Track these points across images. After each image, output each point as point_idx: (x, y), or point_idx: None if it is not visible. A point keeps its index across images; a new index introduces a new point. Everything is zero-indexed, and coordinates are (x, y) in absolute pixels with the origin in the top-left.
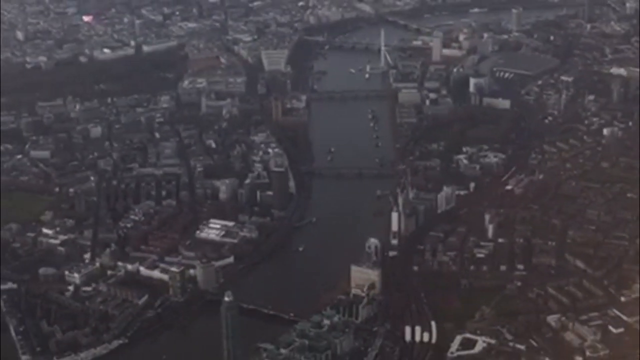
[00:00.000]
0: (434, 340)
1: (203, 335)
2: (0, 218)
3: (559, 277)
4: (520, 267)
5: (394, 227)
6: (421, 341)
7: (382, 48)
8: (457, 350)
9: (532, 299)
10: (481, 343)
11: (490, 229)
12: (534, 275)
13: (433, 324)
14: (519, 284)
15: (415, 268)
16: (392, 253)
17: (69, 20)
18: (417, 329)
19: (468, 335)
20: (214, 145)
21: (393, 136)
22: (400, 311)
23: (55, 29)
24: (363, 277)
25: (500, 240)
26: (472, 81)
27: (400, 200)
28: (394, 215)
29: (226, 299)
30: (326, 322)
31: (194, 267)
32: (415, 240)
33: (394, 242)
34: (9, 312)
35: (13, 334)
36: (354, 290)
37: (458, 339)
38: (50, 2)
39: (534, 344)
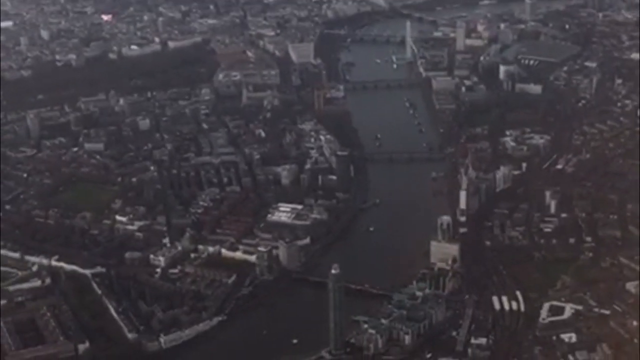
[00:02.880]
0: (522, 309)
1: (295, 312)
2: (72, 207)
3: (627, 247)
4: (588, 239)
5: (462, 204)
6: (510, 309)
7: (408, 39)
8: (548, 316)
9: (606, 268)
10: (569, 309)
11: (553, 205)
12: (602, 246)
13: (518, 293)
14: (590, 254)
15: (488, 243)
16: (461, 230)
17: (90, 19)
18: (504, 298)
19: (555, 303)
20: (263, 134)
21: (434, 122)
22: (483, 283)
23: (77, 28)
24: (443, 251)
25: (563, 215)
26: (502, 68)
27: (464, 180)
28: (462, 194)
29: (333, 271)
30: (419, 293)
31: (275, 247)
32: (481, 217)
33: (462, 219)
34: (105, 294)
35: (114, 314)
36: (438, 264)
37: (546, 306)
38: (66, 2)
39: (618, 309)
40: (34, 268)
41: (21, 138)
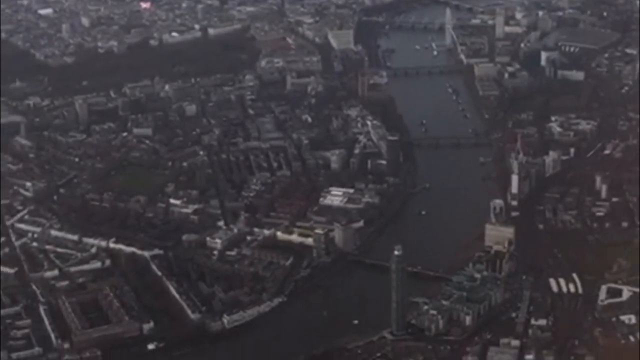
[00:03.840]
0: (580, 291)
1: (354, 293)
2: (125, 191)
3: None
4: None
5: (514, 189)
6: (568, 292)
7: (448, 26)
8: (606, 298)
9: None
10: (627, 292)
11: (604, 189)
12: None
13: (575, 275)
14: None
15: (541, 226)
16: (513, 214)
17: (128, 6)
18: (561, 280)
19: (612, 285)
20: (309, 119)
21: (478, 108)
22: (539, 265)
23: (117, 15)
24: (498, 234)
25: (614, 199)
26: (543, 55)
27: (515, 164)
28: (514, 178)
29: (396, 252)
30: (477, 275)
31: (331, 230)
32: (532, 202)
33: (514, 203)
34: (165, 275)
35: (176, 295)
36: (495, 247)
37: (604, 288)
38: None
39: None
40: (93, 250)
41: (70, 123)
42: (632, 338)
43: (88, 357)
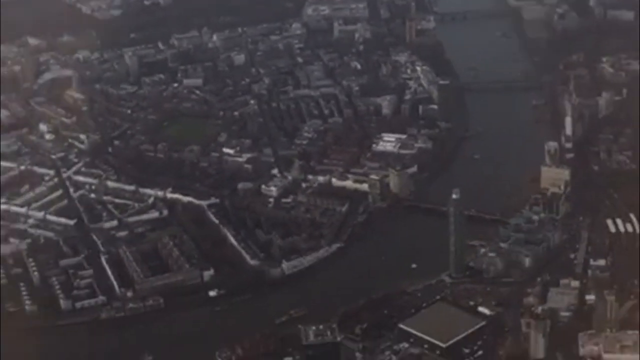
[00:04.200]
0: (637, 230)
1: (411, 238)
2: (178, 141)
3: None
4: None
5: (568, 131)
6: (625, 231)
7: None
8: None
9: None
10: None
11: None
12: None
13: (632, 215)
14: None
15: (595, 167)
16: (568, 155)
17: None
18: (618, 221)
19: None
20: (359, 66)
21: (527, 51)
22: (596, 206)
23: None
24: (554, 176)
25: None
26: None
27: (568, 106)
28: (567, 120)
29: (454, 196)
30: (535, 217)
31: (385, 176)
32: (587, 143)
33: (568, 145)
34: (223, 223)
35: (234, 242)
36: (551, 189)
37: None
38: None
39: None
40: (150, 200)
41: (121, 76)
42: None
43: (151, 304)
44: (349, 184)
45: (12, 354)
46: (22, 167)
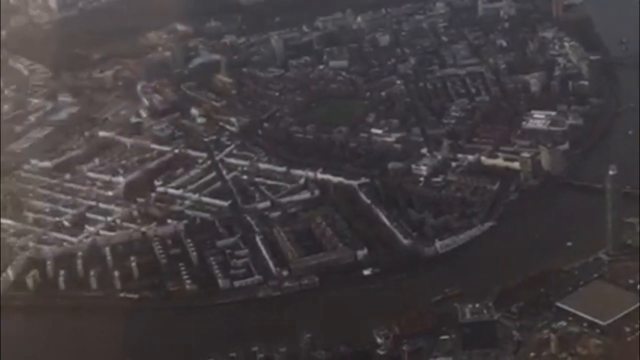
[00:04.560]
0: None
1: (565, 216)
2: (326, 122)
3: None
4: None
5: None
6: None
7: None
8: None
9: None
10: None
11: None
12: None
13: None
14: None
15: None
16: None
17: None
18: None
19: None
20: (504, 44)
21: None
22: None
23: None
24: None
25: None
26: None
27: None
28: None
29: (610, 172)
30: None
31: (537, 153)
32: None
33: None
34: (374, 203)
35: (386, 221)
36: None
37: None
38: None
39: None
40: (301, 181)
41: (268, 59)
42: None
43: (306, 283)
44: (499, 162)
45: (176, 332)
46: (176, 151)
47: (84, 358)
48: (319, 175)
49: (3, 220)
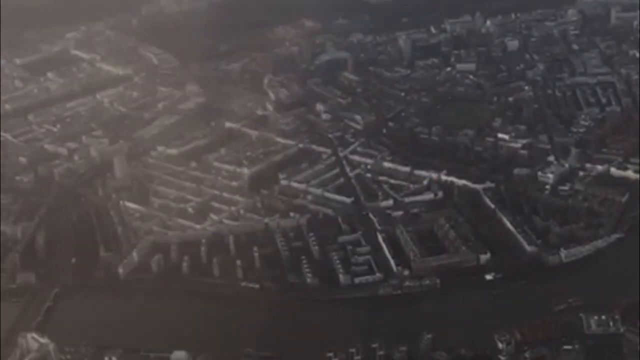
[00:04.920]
0: None
1: None
2: (452, 125)
3: None
4: None
5: None
6: None
7: None
8: None
9: None
10: None
11: None
12: None
13: None
14: None
15: None
16: None
17: None
18: None
19: None
20: (637, 54)
21: None
22: None
23: None
24: None
25: None
26: None
27: None
28: None
29: None
30: None
31: None
32: None
33: None
34: (498, 208)
35: (510, 227)
36: None
37: None
38: None
39: None
40: (425, 182)
41: (394, 58)
42: None
43: (427, 284)
44: (629, 174)
45: (296, 324)
46: (301, 145)
47: (206, 342)
48: (443, 177)
49: (129, 204)
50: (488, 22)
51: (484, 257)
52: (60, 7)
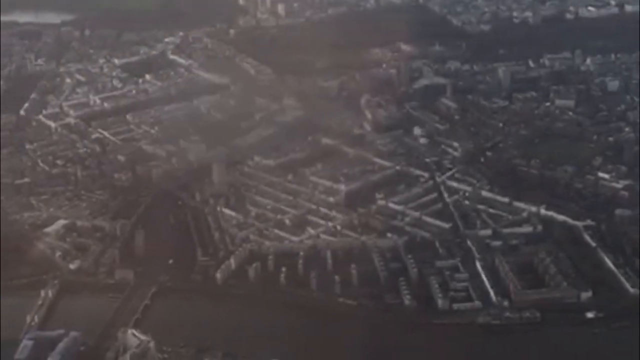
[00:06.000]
0: None
1: None
2: (551, 160)
3: None
4: None
5: None
6: None
7: None
8: None
9: None
10: None
11: None
12: None
13: None
14: None
15: None
16: None
17: None
18: None
19: None
20: None
21: None
22: None
23: None
24: None
25: None
26: None
27: None
28: None
29: None
30: None
31: None
32: None
33: None
34: (599, 246)
35: (612, 266)
36: None
37: None
38: None
39: None
40: (524, 214)
41: (492, 89)
42: None
43: (527, 316)
44: None
45: (394, 344)
46: (398, 167)
47: (303, 356)
48: (542, 211)
49: (226, 211)
50: (588, 60)
51: (585, 295)
52: (158, 12)
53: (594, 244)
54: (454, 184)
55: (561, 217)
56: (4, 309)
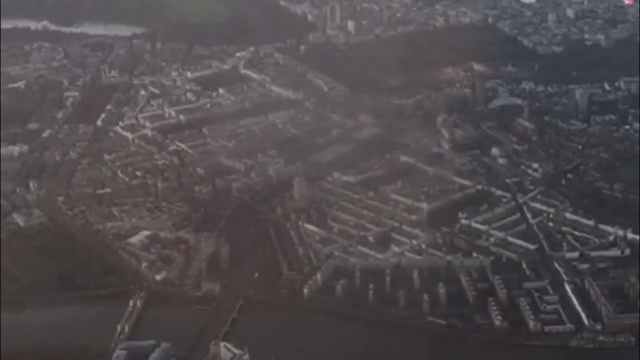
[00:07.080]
0: None
1: None
2: (632, 183)
3: None
4: None
5: None
6: None
7: None
8: None
9: None
10: None
11: None
12: None
13: None
14: None
15: None
16: None
17: (612, 1)
18: None
19: None
20: None
21: None
22: None
23: (601, 9)
24: None
25: None
26: None
27: None
28: None
29: None
30: None
31: None
32: None
33: None
34: None
35: None
36: None
37: None
38: None
39: None
40: (611, 237)
41: (570, 111)
42: None
43: (622, 341)
44: None
45: None
46: (479, 187)
47: None
48: (629, 235)
49: (308, 226)
50: None
51: None
52: (227, 26)
53: None
54: (537, 205)
55: None
56: (92, 319)
